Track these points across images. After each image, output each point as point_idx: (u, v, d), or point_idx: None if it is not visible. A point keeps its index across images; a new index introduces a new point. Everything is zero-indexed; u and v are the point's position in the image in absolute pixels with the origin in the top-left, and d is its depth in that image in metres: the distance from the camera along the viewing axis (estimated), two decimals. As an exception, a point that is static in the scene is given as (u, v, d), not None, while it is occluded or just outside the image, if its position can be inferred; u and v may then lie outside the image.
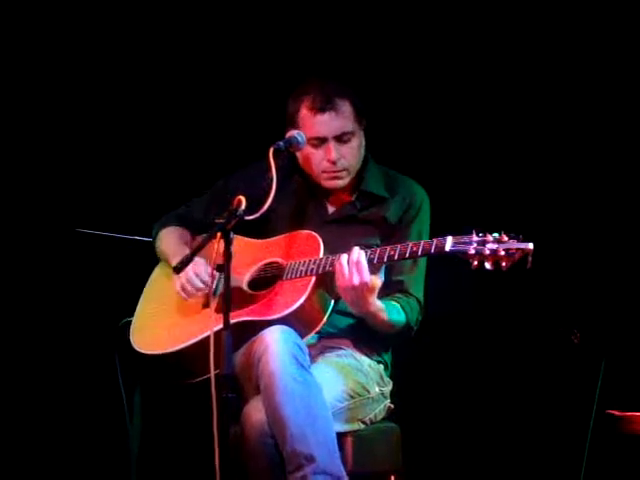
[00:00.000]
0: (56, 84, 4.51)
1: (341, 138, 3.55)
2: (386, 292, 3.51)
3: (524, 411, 4.28)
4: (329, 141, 3.54)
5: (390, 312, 3.46)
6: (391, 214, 3.61)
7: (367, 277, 3.29)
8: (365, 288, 3.30)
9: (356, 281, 3.29)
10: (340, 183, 3.61)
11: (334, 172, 3.57)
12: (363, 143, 3.62)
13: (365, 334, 3.56)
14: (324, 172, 3.58)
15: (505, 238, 3.11)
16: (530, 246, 3.08)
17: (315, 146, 3.56)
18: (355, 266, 3.29)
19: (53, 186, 4.50)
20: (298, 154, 3.62)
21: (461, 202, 4.30)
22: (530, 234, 3.12)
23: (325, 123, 3.53)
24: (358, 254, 3.31)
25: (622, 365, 4.09)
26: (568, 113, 4.31)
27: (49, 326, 4.43)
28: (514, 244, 3.09)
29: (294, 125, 3.58)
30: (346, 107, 3.55)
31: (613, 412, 3.84)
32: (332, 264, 3.36)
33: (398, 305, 3.52)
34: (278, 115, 3.65)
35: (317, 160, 3.57)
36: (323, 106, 3.52)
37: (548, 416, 4.25)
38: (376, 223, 3.60)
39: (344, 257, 3.32)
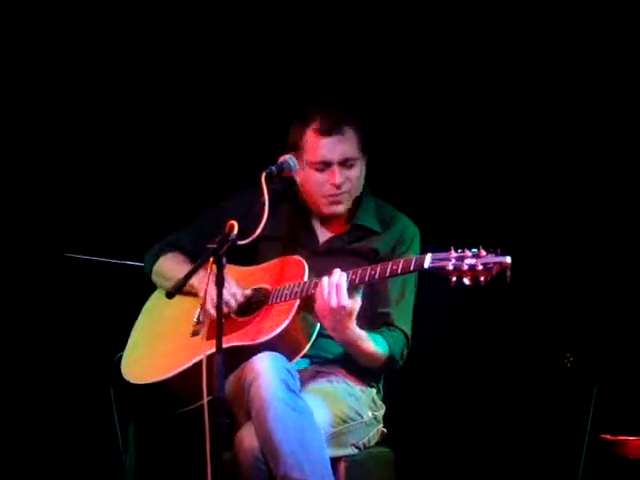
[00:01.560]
0: (45, 104, 4.49)
1: (345, 163, 3.56)
2: (372, 325, 3.51)
3: (517, 435, 4.26)
4: (334, 165, 3.55)
5: (372, 342, 3.45)
6: (382, 247, 3.61)
7: (345, 300, 3.28)
8: (343, 311, 3.30)
9: (334, 303, 3.28)
10: (340, 208, 3.62)
11: (336, 196, 3.58)
12: (364, 172, 3.64)
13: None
14: (324, 197, 3.59)
15: (483, 253, 3.11)
16: (508, 260, 3.08)
17: (319, 170, 3.57)
18: (335, 288, 3.29)
19: (41, 210, 4.48)
20: (297, 178, 3.61)
21: (447, 220, 4.31)
22: (524, 260, 3.13)
23: (330, 146, 3.55)
24: (339, 276, 3.31)
25: (615, 389, 4.09)
26: (550, 123, 4.33)
27: (43, 357, 4.41)
28: (492, 258, 3.10)
29: (297, 150, 3.57)
30: (351, 134, 3.58)
31: (606, 436, 3.84)
32: (315, 287, 3.36)
33: (380, 337, 3.50)
34: (269, 141, 3.65)
35: (319, 184, 3.58)
36: (330, 129, 3.54)
37: (541, 440, 4.23)
38: (367, 256, 3.60)
39: (325, 279, 3.32)
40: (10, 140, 4.47)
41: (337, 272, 3.32)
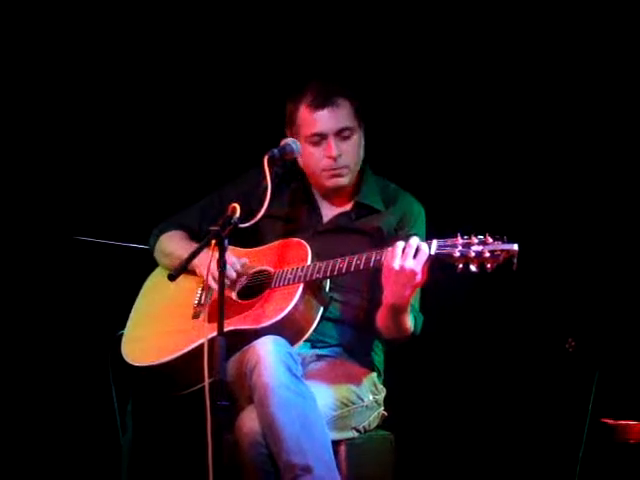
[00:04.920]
0: (55, 93, 4.50)
1: (341, 134, 3.55)
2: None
3: (518, 420, 4.27)
4: (329, 137, 3.55)
5: (411, 316, 3.43)
6: (386, 225, 3.60)
7: (418, 267, 3.18)
8: (413, 277, 3.18)
9: (409, 265, 3.17)
10: (341, 181, 3.59)
11: (335, 169, 3.56)
12: (363, 143, 3.62)
13: (358, 342, 3.56)
14: (325, 170, 3.58)
15: (490, 240, 3.10)
16: (515, 247, 3.08)
17: (315, 144, 3.56)
18: (414, 252, 3.18)
19: (51, 194, 4.49)
20: (300, 159, 3.60)
21: (450, 206, 4.30)
22: (527, 244, 3.12)
23: (325, 118, 3.54)
24: (423, 244, 3.20)
25: (616, 374, 4.09)
26: (554, 113, 4.32)
27: (45, 335, 4.41)
28: (499, 245, 3.09)
29: (293, 125, 3.59)
30: (345, 104, 3.57)
31: (607, 421, 3.84)
32: (320, 271, 3.36)
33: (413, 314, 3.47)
34: (274, 123, 3.65)
35: (317, 158, 3.57)
36: (322, 102, 3.54)
37: (542, 425, 4.24)
38: (371, 234, 3.58)
39: (414, 238, 3.22)
40: (20, 126, 4.47)
41: (419, 240, 3.22)
